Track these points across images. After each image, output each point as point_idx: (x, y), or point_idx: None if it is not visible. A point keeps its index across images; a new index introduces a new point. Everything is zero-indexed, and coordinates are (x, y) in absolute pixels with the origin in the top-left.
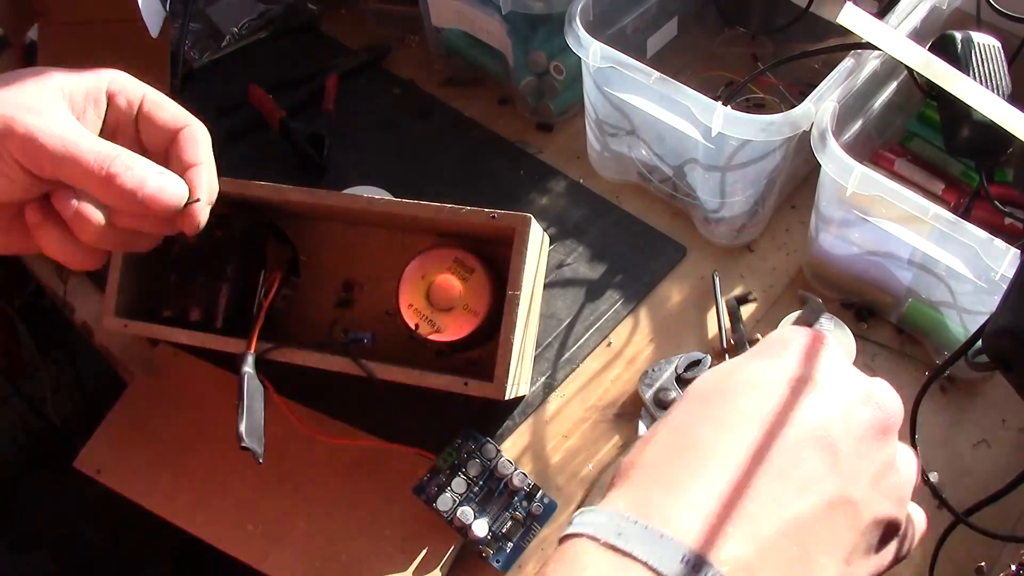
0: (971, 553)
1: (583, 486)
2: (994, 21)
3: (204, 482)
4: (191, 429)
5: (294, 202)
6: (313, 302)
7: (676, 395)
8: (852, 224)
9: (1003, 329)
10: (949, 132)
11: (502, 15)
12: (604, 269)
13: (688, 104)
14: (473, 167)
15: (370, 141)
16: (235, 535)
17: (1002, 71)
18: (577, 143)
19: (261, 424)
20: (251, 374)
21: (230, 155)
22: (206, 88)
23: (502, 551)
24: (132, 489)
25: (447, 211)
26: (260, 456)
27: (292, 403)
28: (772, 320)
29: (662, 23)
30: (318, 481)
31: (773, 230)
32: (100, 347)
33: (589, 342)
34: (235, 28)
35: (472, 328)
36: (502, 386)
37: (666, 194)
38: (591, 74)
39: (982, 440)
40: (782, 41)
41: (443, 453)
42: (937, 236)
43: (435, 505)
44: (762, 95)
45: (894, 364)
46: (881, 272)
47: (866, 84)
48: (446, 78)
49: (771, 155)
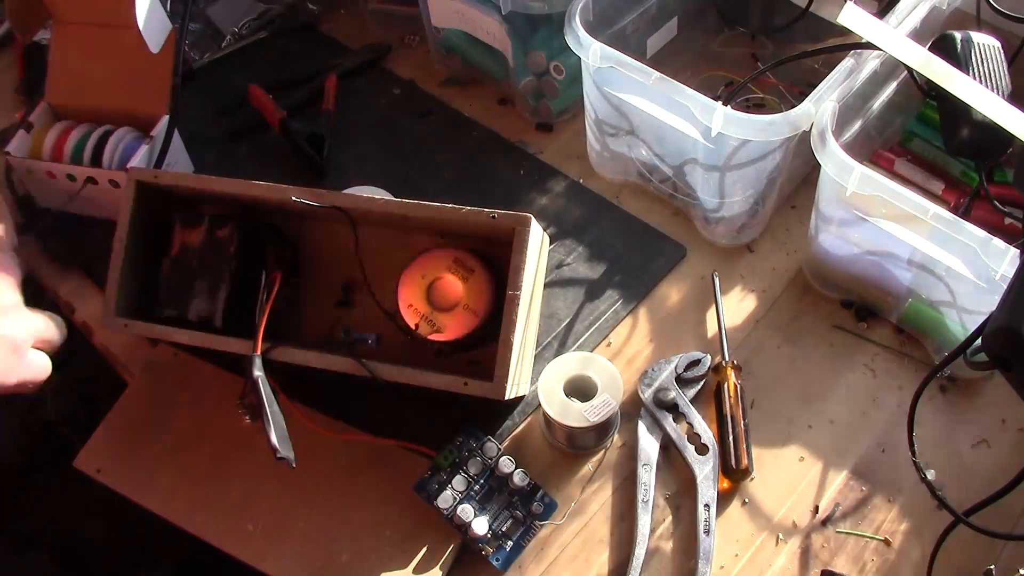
0: (971, 553)
1: (581, 485)
2: (994, 21)
3: (204, 482)
4: (191, 429)
5: (294, 202)
6: (313, 302)
7: (675, 394)
8: (852, 224)
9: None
10: (949, 132)
11: (502, 15)
12: (604, 269)
13: (688, 104)
14: (473, 167)
15: (370, 141)
16: (235, 535)
17: (1002, 71)
18: (577, 143)
19: (285, 429)
20: (264, 378)
21: (230, 155)
22: (206, 88)
23: (502, 549)
24: (132, 489)
25: (447, 211)
26: (294, 462)
27: (294, 403)
28: (772, 320)
29: (662, 23)
30: (318, 481)
31: (773, 230)
32: (100, 347)
33: (589, 342)
34: (235, 28)
35: (472, 328)
36: (502, 386)
37: (666, 194)
38: (591, 74)
39: (982, 440)
40: (782, 41)
41: (444, 451)
42: (937, 236)
43: (435, 503)
44: (762, 95)
45: (894, 364)
46: (881, 272)
47: (866, 84)
48: (446, 78)
49: (771, 155)
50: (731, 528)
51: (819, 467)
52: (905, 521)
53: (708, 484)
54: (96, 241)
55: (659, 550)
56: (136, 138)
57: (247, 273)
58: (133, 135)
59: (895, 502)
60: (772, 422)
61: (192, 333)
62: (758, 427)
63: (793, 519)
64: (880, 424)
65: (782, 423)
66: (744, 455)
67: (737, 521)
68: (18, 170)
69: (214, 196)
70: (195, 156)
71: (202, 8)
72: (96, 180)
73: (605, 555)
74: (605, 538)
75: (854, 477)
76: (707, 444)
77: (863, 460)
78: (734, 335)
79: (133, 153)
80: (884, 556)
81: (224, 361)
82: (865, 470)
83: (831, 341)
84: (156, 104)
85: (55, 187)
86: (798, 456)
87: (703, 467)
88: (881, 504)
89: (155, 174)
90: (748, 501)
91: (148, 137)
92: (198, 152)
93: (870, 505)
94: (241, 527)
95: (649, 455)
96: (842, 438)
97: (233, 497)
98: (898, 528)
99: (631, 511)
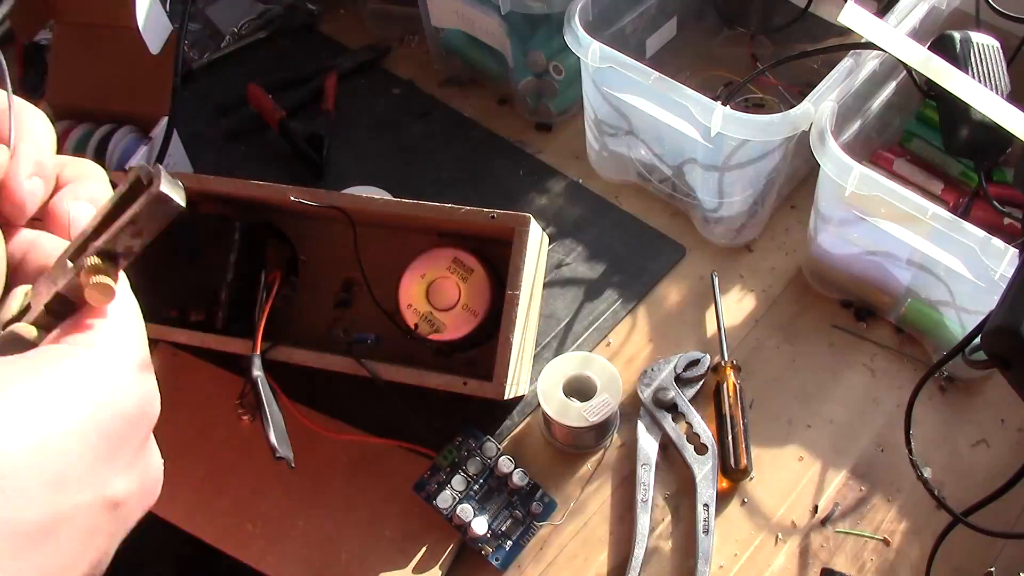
0: (970, 552)
1: (580, 484)
2: (993, 21)
3: (204, 482)
4: (191, 429)
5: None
6: (313, 302)
7: (675, 394)
8: (851, 224)
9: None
10: (948, 132)
11: (501, 15)
12: (603, 269)
13: (687, 104)
14: (473, 167)
15: (370, 141)
16: (235, 535)
17: (1001, 71)
18: (576, 143)
19: (284, 428)
20: (263, 378)
21: (230, 155)
22: (205, 88)
23: (501, 549)
24: None
25: (447, 211)
26: (293, 461)
27: (293, 403)
28: (771, 320)
29: (661, 23)
30: (318, 480)
31: (772, 230)
32: None
33: (588, 342)
34: (235, 28)
35: (472, 328)
36: (501, 385)
37: (665, 194)
38: (590, 74)
39: (981, 440)
40: (781, 41)
41: (443, 451)
42: (936, 236)
43: (435, 502)
44: (761, 95)
45: (893, 364)
46: (880, 272)
47: (865, 84)
48: (446, 78)
49: (770, 155)
50: (730, 528)
51: (818, 467)
52: (904, 521)
53: (707, 484)
54: None
55: (658, 550)
56: (135, 138)
57: (246, 273)
58: (132, 135)
59: (894, 502)
60: (771, 422)
61: (192, 333)
62: (757, 427)
63: (792, 519)
64: (879, 424)
65: (781, 423)
66: (743, 455)
67: (736, 521)
68: None
69: (213, 196)
70: (194, 156)
71: (202, 8)
72: None
73: (604, 555)
74: (604, 538)
75: (853, 477)
76: (706, 444)
77: (862, 460)
78: (733, 335)
79: (132, 153)
80: (883, 556)
81: (224, 361)
82: (864, 470)
83: (830, 341)
84: (156, 104)
85: None
86: (797, 456)
87: (702, 467)
88: (880, 504)
89: None
90: (747, 501)
91: (147, 137)
92: (197, 152)
93: (869, 505)
94: (241, 527)
95: (648, 455)
96: (841, 438)
97: (233, 497)
98: (897, 528)
99: (630, 511)
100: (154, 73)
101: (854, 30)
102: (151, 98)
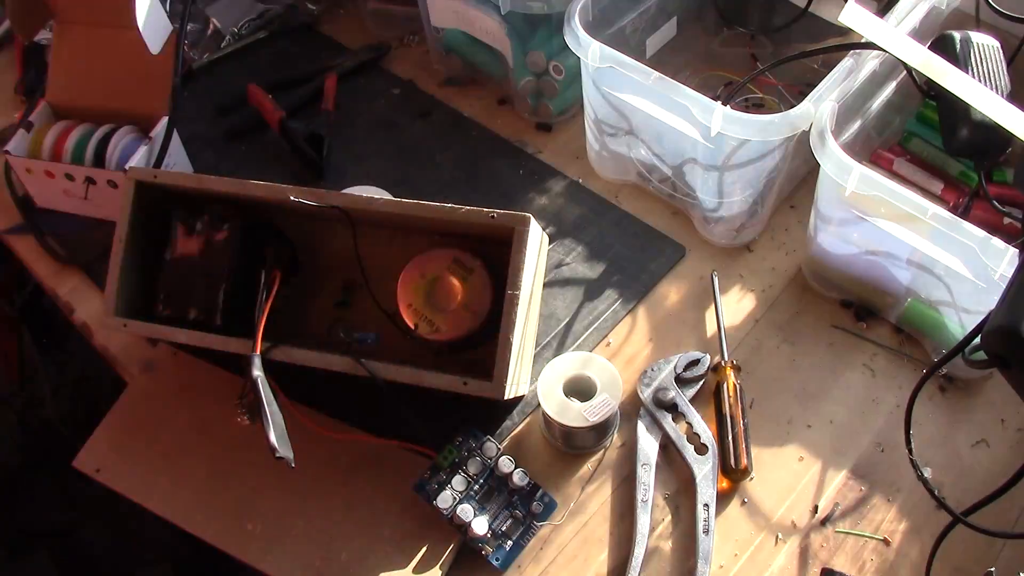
0: (969, 552)
1: (580, 484)
2: (993, 21)
3: (204, 482)
4: (191, 429)
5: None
6: (313, 302)
7: (675, 394)
8: (851, 224)
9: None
10: (948, 132)
11: (501, 15)
12: (603, 269)
13: (687, 104)
14: (473, 167)
15: (370, 141)
16: (235, 535)
17: (1001, 71)
18: (576, 143)
19: (284, 428)
20: (263, 378)
21: (230, 155)
22: (205, 88)
23: (501, 549)
24: (132, 489)
25: (446, 211)
26: (293, 461)
27: (293, 403)
28: (771, 320)
29: (661, 23)
30: (318, 480)
31: (772, 230)
32: (100, 347)
33: (588, 341)
34: (235, 28)
35: (471, 328)
36: (501, 385)
37: (665, 194)
38: (590, 74)
39: (981, 440)
40: (781, 41)
41: (444, 451)
42: (936, 236)
43: (435, 502)
44: (761, 95)
45: (893, 364)
46: (880, 272)
47: (865, 84)
48: (445, 78)
49: (770, 155)
50: (730, 528)
51: (818, 467)
52: (904, 520)
53: (707, 484)
54: (96, 241)
55: (658, 550)
56: (135, 138)
57: (246, 273)
58: (132, 135)
59: (894, 502)
60: (771, 422)
61: (191, 333)
62: (757, 427)
63: (792, 519)
64: (879, 424)
65: (781, 423)
66: (743, 455)
67: (736, 521)
68: (17, 169)
69: (213, 196)
70: (194, 156)
71: (202, 8)
72: (95, 180)
73: (604, 554)
74: (604, 537)
75: (853, 477)
76: (706, 444)
77: (862, 460)
78: (733, 335)
79: (132, 153)
80: (883, 555)
81: (223, 361)
82: (864, 470)
83: (830, 341)
84: (156, 104)
85: (54, 187)
86: (797, 456)
87: (702, 467)
88: (880, 504)
89: (154, 174)
90: (747, 501)
91: (147, 137)
92: (197, 152)
93: (869, 505)
94: (241, 527)
95: (648, 455)
96: (841, 438)
97: (233, 497)
98: (897, 528)
99: (630, 511)
100: (154, 73)
101: (854, 30)
102: (151, 98)
